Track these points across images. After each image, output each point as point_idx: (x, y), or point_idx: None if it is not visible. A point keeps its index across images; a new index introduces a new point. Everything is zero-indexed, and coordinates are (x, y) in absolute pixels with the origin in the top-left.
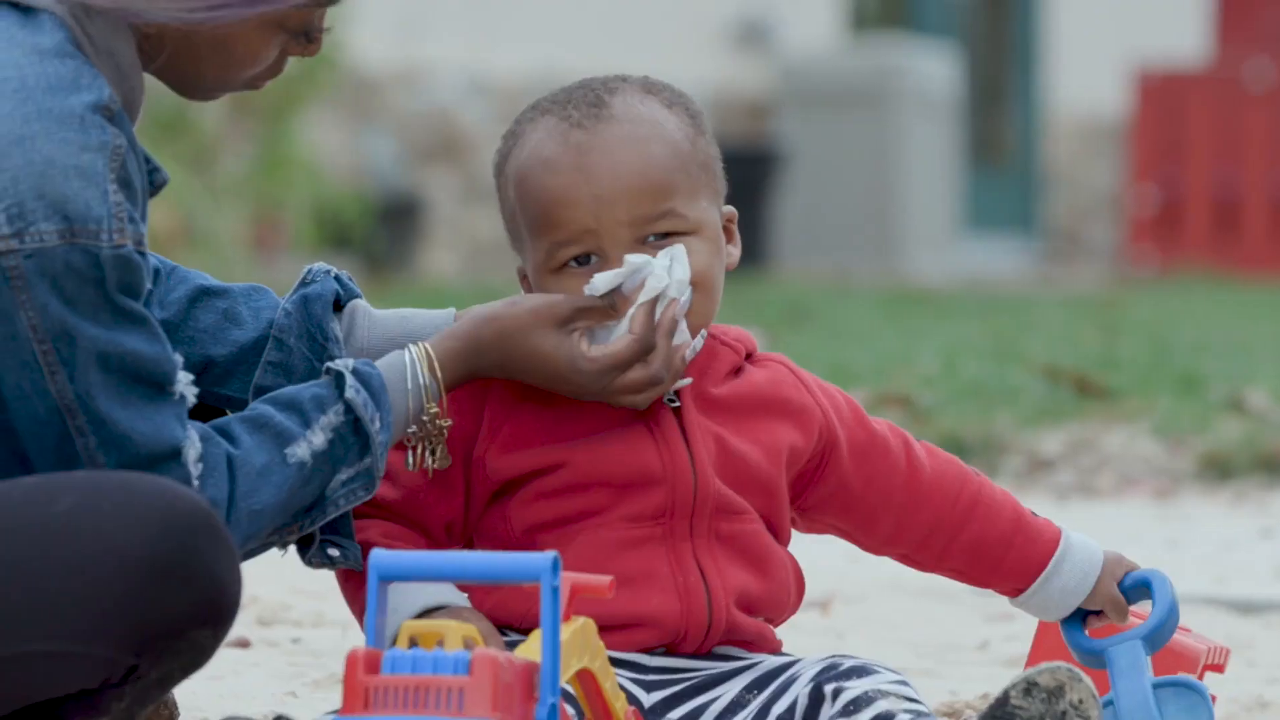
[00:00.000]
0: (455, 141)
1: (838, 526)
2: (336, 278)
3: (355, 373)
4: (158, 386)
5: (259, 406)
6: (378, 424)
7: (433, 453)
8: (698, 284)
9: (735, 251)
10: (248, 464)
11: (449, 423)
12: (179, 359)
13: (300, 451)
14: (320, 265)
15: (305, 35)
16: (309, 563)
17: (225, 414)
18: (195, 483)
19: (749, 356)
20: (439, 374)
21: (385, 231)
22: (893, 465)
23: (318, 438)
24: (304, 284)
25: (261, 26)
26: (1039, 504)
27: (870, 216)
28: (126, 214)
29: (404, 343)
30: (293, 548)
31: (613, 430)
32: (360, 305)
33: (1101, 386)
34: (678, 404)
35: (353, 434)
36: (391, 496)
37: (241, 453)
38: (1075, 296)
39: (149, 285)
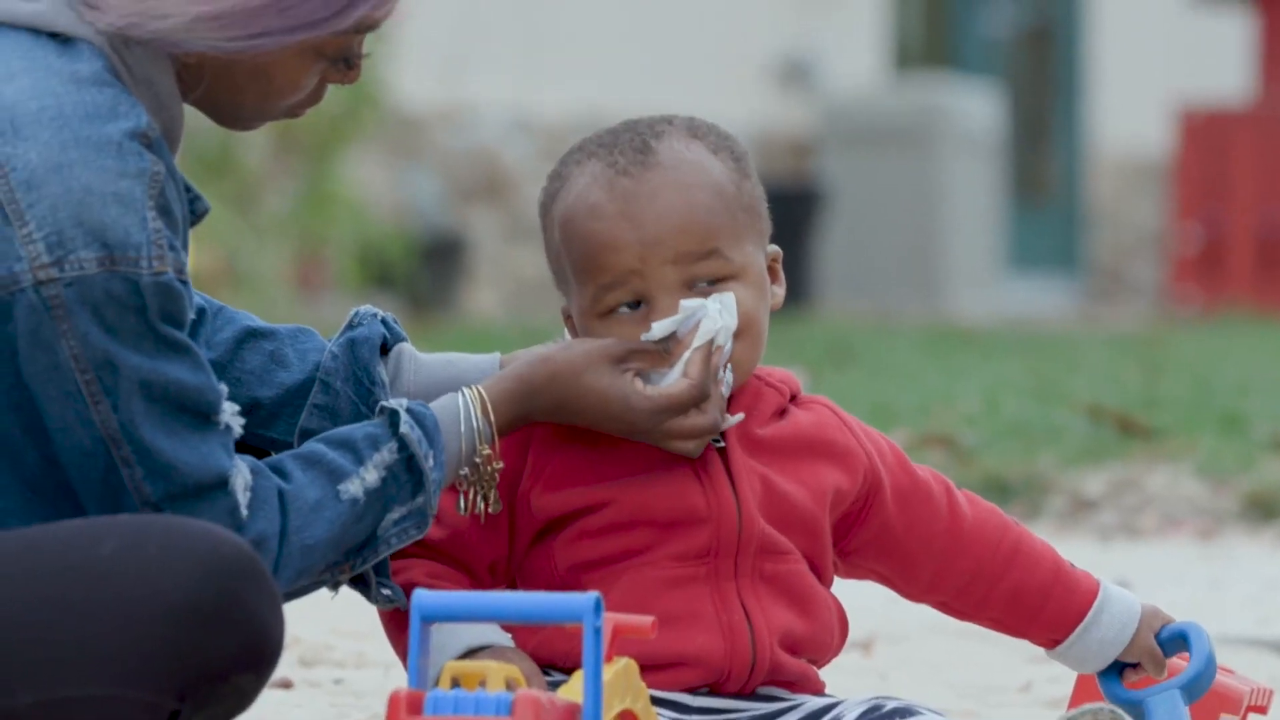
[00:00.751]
0: (498, 180)
1: (878, 572)
2: (383, 321)
3: (410, 411)
4: (203, 416)
5: (311, 444)
6: (431, 461)
7: (485, 497)
8: (743, 328)
9: (780, 291)
10: (300, 499)
11: (501, 465)
12: (223, 389)
13: (353, 488)
14: (367, 308)
15: (345, 61)
16: (375, 601)
17: (271, 455)
18: (244, 512)
19: (793, 398)
20: (492, 416)
21: (428, 270)
22: (935, 511)
23: (370, 475)
24: (350, 327)
25: (300, 54)
26: (1082, 545)
27: (913, 255)
28: (166, 241)
29: (449, 388)
30: (344, 588)
31: (658, 470)
32: (406, 349)
33: (1144, 426)
34: (723, 444)
35: (406, 472)
36: (436, 536)
37: (293, 487)
38: (1118, 335)
39: (192, 315)
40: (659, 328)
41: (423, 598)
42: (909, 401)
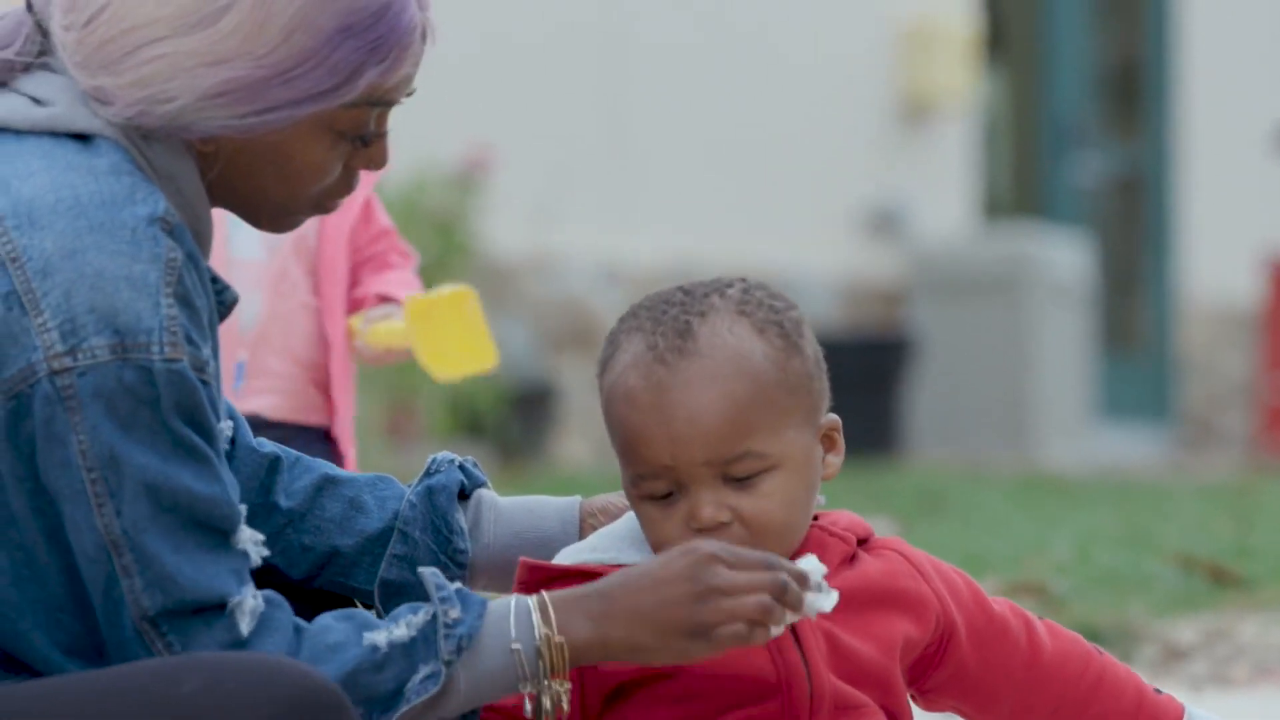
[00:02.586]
0: (588, 329)
1: (958, 708)
2: (461, 466)
3: (457, 589)
4: (218, 534)
5: (357, 609)
6: (458, 612)
7: (554, 702)
8: (776, 525)
9: (835, 461)
10: (319, 638)
11: (563, 640)
12: (243, 509)
13: (377, 637)
14: (444, 455)
15: (361, 139)
16: None
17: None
18: (244, 635)
19: (864, 543)
20: (548, 600)
21: (518, 419)
22: (1013, 646)
23: (399, 630)
24: (428, 474)
25: (315, 130)
26: (1174, 694)
27: (1003, 403)
28: (182, 331)
29: (530, 533)
30: None
31: None
32: (486, 496)
33: (1236, 575)
34: None
35: (436, 634)
36: (509, 702)
37: (315, 628)
38: (1209, 485)
39: (221, 423)
40: None
41: None
42: (1000, 550)
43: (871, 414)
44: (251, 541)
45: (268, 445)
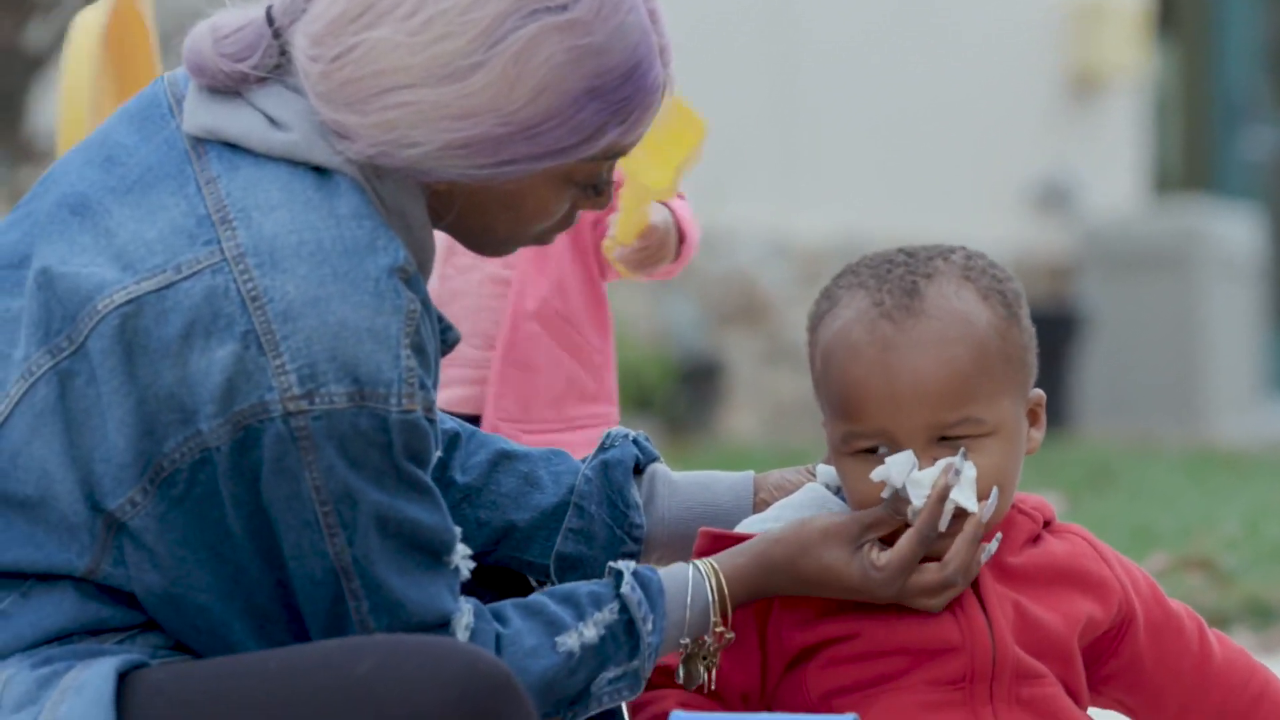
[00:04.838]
0: (756, 304)
1: (1124, 703)
2: (635, 441)
3: (635, 574)
4: (434, 555)
5: (537, 595)
6: (650, 625)
7: (707, 669)
8: (986, 490)
9: (1038, 435)
10: (516, 644)
11: (732, 636)
12: (458, 531)
13: (570, 641)
14: (619, 430)
15: (593, 188)
16: None
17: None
18: None
19: (1048, 524)
20: (725, 589)
21: (686, 393)
22: (1185, 646)
23: (589, 631)
24: (603, 449)
25: (549, 180)
26: None
27: (1173, 378)
28: (418, 380)
29: (703, 509)
30: None
31: None
32: (660, 470)
33: None
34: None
35: (625, 633)
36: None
37: (511, 632)
38: None
39: (438, 451)
40: (879, 474)
41: (682, 719)
42: (1169, 525)
43: (1040, 388)
44: (462, 558)
45: (448, 421)
